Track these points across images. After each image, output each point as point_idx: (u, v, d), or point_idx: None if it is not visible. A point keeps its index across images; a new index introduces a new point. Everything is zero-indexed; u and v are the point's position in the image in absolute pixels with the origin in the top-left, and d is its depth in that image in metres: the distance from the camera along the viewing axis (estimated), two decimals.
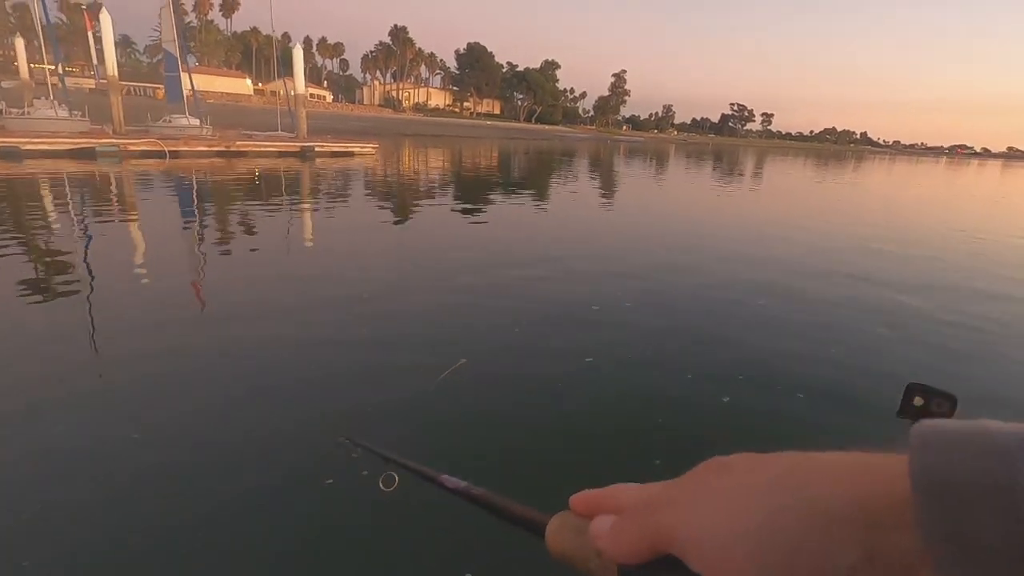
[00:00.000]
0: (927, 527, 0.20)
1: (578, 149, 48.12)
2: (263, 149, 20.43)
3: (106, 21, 18.39)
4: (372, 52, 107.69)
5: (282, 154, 20.69)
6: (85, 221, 8.56)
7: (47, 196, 10.51)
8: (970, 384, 4.10)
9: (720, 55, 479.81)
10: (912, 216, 15.73)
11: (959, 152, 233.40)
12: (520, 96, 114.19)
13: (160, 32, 21.71)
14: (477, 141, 48.81)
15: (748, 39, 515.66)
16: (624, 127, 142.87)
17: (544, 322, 4.86)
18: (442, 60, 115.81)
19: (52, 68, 21.27)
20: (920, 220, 14.93)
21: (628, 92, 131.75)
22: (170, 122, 22.20)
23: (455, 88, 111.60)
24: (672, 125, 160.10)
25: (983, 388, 4.08)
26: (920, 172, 47.72)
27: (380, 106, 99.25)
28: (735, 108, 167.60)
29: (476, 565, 2.22)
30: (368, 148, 23.44)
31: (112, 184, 12.62)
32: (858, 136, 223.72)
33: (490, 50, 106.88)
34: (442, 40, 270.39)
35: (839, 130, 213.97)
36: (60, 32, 77.31)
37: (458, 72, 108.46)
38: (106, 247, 7.05)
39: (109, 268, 6.00)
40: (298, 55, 23.28)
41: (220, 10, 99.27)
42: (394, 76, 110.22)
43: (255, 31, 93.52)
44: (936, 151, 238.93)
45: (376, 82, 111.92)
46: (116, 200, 10.66)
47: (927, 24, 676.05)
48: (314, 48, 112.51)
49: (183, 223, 9.09)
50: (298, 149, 21.05)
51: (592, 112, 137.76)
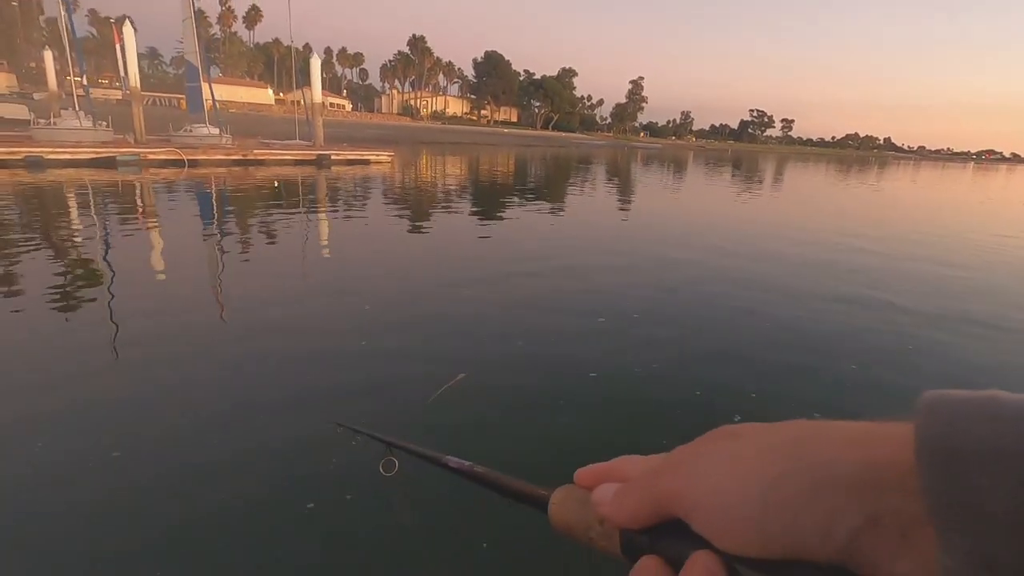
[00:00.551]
0: (931, 492, 0.20)
1: (595, 156, 47.95)
2: (280, 157, 20.64)
3: (129, 34, 18.81)
4: (391, 61, 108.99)
5: (299, 162, 20.89)
6: (103, 227, 8.66)
7: (66, 203, 10.69)
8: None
9: (739, 61, 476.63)
10: (939, 220, 15.26)
11: (987, 157, 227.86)
12: (537, 104, 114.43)
13: (194, 46, 22.05)
14: (494, 149, 48.91)
15: (768, 45, 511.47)
16: (641, 134, 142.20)
17: (548, 334, 4.72)
18: (460, 69, 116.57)
19: (78, 80, 21.79)
20: (947, 224, 14.48)
21: (645, 99, 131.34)
22: (191, 131, 22.51)
23: (472, 96, 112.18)
24: (690, 131, 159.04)
25: None
26: (948, 178, 46.55)
27: (398, 115, 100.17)
28: (754, 114, 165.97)
29: (484, 542, 2.33)
30: (384, 156, 23.56)
31: (130, 192, 12.81)
32: (881, 141, 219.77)
33: (507, 58, 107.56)
34: (460, 49, 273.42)
35: (861, 136, 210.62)
36: (90, 45, 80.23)
37: (475, 80, 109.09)
38: (123, 252, 7.11)
39: (127, 272, 6.06)
40: (315, 65, 23.52)
41: (243, 22, 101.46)
42: (412, 85, 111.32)
43: (277, 42, 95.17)
44: (963, 156, 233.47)
45: (395, 91, 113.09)
46: (133, 208, 10.79)
47: (953, 28, 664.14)
48: (334, 58, 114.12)
49: (198, 230, 9.14)
50: (314, 157, 21.22)
51: (609, 119, 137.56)
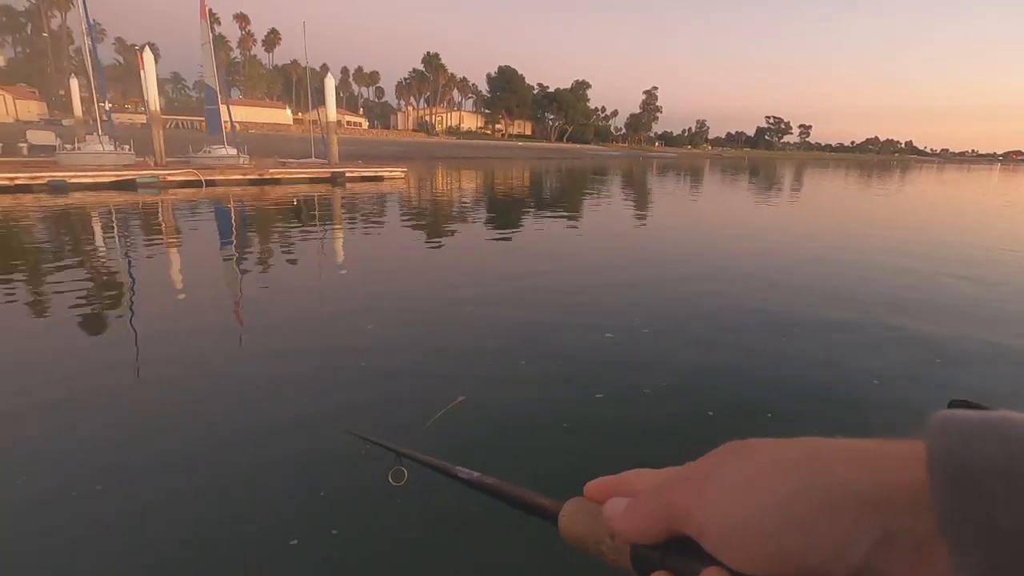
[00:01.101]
0: (945, 509, 0.20)
1: (610, 167, 47.84)
2: (295, 176, 20.91)
3: (148, 60, 19.29)
4: (406, 79, 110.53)
5: (313, 180, 21.13)
6: (123, 247, 8.78)
7: (87, 225, 10.89)
8: None
9: (755, 68, 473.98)
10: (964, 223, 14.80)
11: (1014, 158, 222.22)
12: (551, 116, 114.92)
13: (212, 70, 22.61)
14: (509, 162, 49.09)
15: (784, 50, 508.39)
16: (656, 143, 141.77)
17: (554, 351, 4.58)
18: (474, 84, 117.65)
19: (102, 106, 22.41)
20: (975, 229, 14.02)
21: (660, 108, 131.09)
22: (210, 152, 22.97)
23: (487, 111, 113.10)
24: (706, 140, 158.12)
25: None
26: (973, 180, 45.41)
27: (414, 131, 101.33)
28: (771, 121, 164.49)
29: (493, 553, 2.32)
30: (397, 172, 23.74)
31: (148, 213, 13.02)
32: (903, 145, 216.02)
33: (521, 72, 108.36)
34: (474, 64, 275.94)
35: (882, 140, 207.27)
36: (117, 72, 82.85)
37: (489, 95, 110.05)
38: (142, 270, 7.18)
39: (146, 290, 6.12)
40: (330, 84, 23.87)
41: (263, 45, 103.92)
42: (427, 101, 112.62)
43: (295, 63, 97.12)
44: (989, 158, 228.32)
45: (410, 108, 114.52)
46: (152, 228, 10.94)
47: (975, 27, 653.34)
48: (351, 78, 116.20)
49: (214, 248, 9.22)
50: (329, 175, 21.45)
51: (624, 130, 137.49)
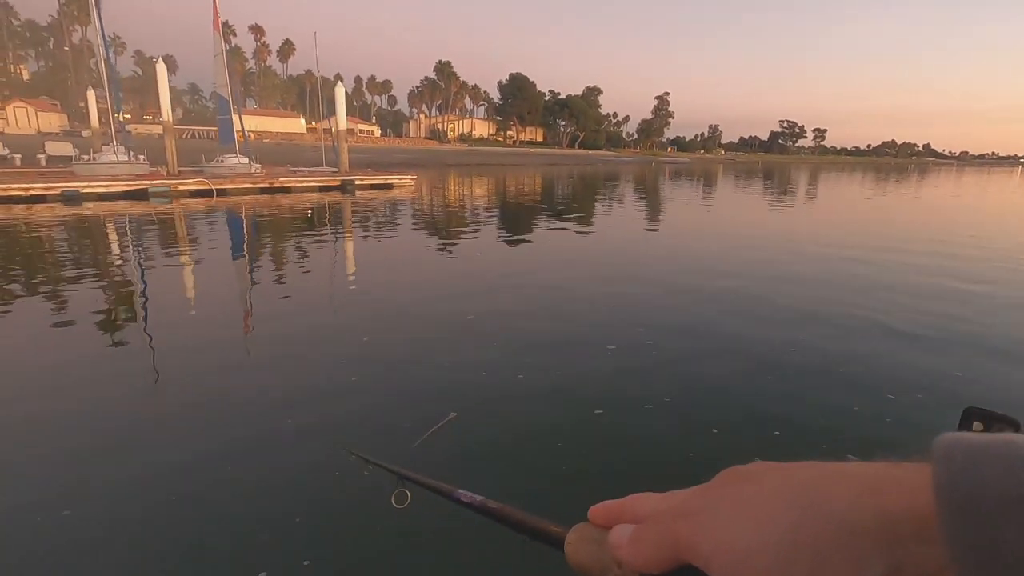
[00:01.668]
0: (952, 540, 0.20)
1: (622, 173, 47.61)
2: (305, 184, 21.02)
3: (161, 71, 19.57)
4: (418, 87, 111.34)
5: (323, 188, 21.22)
6: (132, 256, 8.80)
7: (98, 234, 10.97)
8: None
9: (768, 72, 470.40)
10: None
11: None
12: (563, 123, 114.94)
13: (225, 80, 22.90)
14: (520, 169, 49.07)
15: (797, 54, 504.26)
16: (669, 149, 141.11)
17: (554, 364, 4.43)
18: (485, 91, 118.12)
19: (116, 116, 22.74)
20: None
21: (672, 114, 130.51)
22: (222, 162, 23.19)
23: (498, 118, 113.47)
24: (719, 145, 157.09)
25: None
26: (994, 183, 44.45)
27: (426, 138, 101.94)
28: (785, 125, 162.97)
29: None
30: (406, 179, 23.78)
31: (159, 222, 13.10)
32: (920, 148, 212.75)
33: (532, 79, 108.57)
34: (485, 72, 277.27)
35: (899, 143, 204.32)
36: (136, 84, 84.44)
37: (501, 102, 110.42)
38: (148, 279, 7.16)
39: (150, 298, 6.06)
40: (340, 93, 24.01)
41: (278, 56, 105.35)
42: (439, 109, 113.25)
43: (309, 74, 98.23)
44: (1010, 161, 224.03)
45: (422, 115, 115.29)
46: (162, 237, 10.99)
47: (996, 29, 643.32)
48: (364, 86, 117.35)
49: (222, 257, 9.21)
50: (338, 183, 21.54)
51: (636, 135, 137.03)
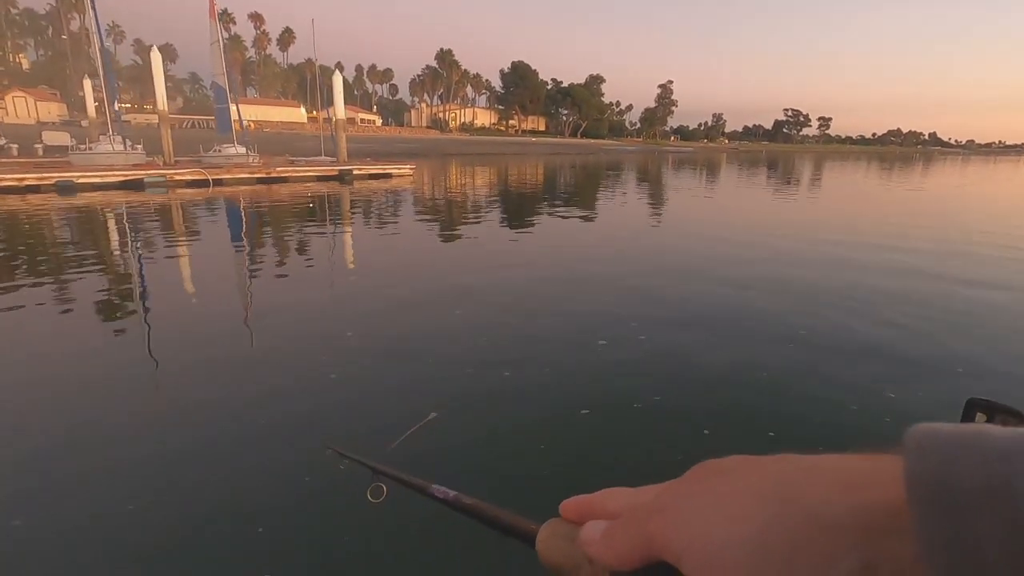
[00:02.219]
0: (924, 535, 0.19)
1: (625, 162, 47.25)
2: (302, 174, 20.81)
3: (156, 59, 19.29)
4: (419, 76, 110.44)
5: (321, 178, 21.02)
6: (126, 247, 8.67)
7: (92, 225, 10.83)
8: None
9: (772, 60, 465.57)
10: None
11: None
12: (565, 112, 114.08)
13: (222, 68, 22.63)
14: (522, 158, 48.72)
15: (802, 41, 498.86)
16: (672, 138, 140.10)
17: (542, 360, 4.28)
18: (487, 80, 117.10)
19: (122, 106, 22.53)
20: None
21: (675, 102, 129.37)
22: (220, 151, 22.99)
23: (500, 107, 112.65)
24: (723, 134, 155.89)
25: None
26: (1001, 172, 43.95)
27: (428, 127, 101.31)
28: (789, 113, 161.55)
29: (471, 574, 2.26)
30: (405, 169, 23.56)
31: (154, 213, 12.96)
32: (926, 137, 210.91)
33: (534, 68, 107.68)
34: (487, 60, 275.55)
35: (905, 131, 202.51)
36: (135, 72, 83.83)
37: (503, 91, 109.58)
38: (140, 270, 7.03)
39: (149, 293, 5.91)
40: (338, 82, 23.73)
41: (278, 44, 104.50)
42: (441, 98, 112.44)
43: (309, 62, 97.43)
44: (1017, 149, 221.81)
45: (424, 104, 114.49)
46: (157, 227, 10.85)
47: (1002, 15, 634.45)
48: (365, 75, 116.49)
49: (218, 249, 9.08)
50: (336, 173, 21.32)
51: (639, 124, 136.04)
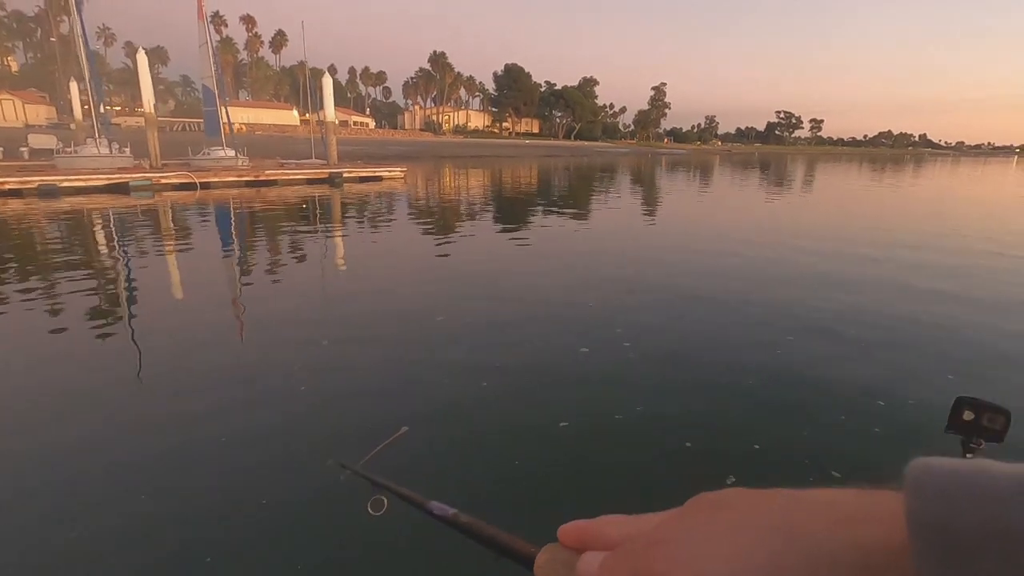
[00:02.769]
0: (925, 573, 0.19)
1: (618, 164, 47.27)
2: (292, 177, 20.62)
3: (142, 61, 19.07)
4: (412, 78, 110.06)
5: (311, 181, 20.83)
6: (107, 254, 8.48)
7: (73, 231, 10.60)
8: None
9: (764, 63, 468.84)
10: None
11: None
12: (559, 114, 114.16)
13: (211, 71, 22.38)
14: (516, 161, 48.61)
15: (794, 44, 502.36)
16: (665, 140, 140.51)
17: (522, 368, 4.13)
18: (481, 83, 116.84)
19: (109, 109, 22.24)
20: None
21: (668, 105, 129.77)
22: (208, 154, 22.75)
23: (494, 109, 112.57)
24: (715, 136, 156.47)
25: None
26: (992, 173, 44.22)
27: (421, 130, 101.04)
28: (781, 116, 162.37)
29: None
30: (396, 172, 23.39)
31: (138, 217, 12.76)
32: (916, 138, 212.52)
33: (528, 70, 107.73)
34: (480, 63, 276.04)
35: (895, 133, 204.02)
36: (125, 75, 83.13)
37: (496, 94, 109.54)
38: (124, 277, 6.85)
39: (131, 298, 5.74)
40: (327, 84, 23.56)
41: (270, 47, 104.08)
42: (434, 100, 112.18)
43: (302, 65, 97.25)
44: (1006, 151, 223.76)
45: (417, 107, 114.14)
46: (140, 233, 10.65)
47: (989, 19, 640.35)
48: (358, 78, 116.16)
49: (203, 254, 8.89)
50: (326, 175, 21.14)
51: (632, 126, 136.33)
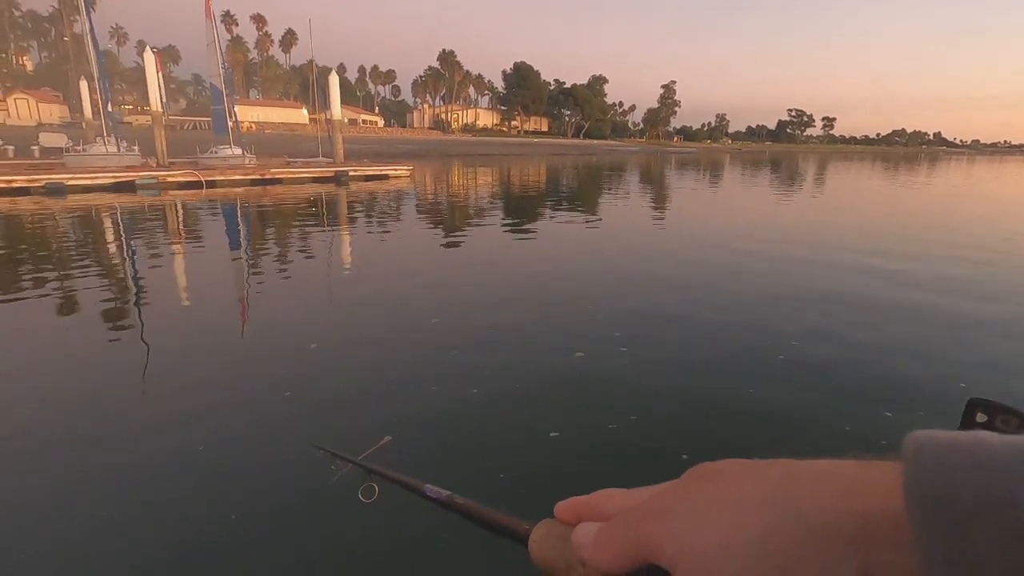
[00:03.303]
0: (925, 546, 0.19)
1: (627, 162, 46.94)
2: (298, 176, 20.60)
3: (149, 60, 19.15)
4: (421, 77, 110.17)
5: (317, 179, 20.79)
6: (111, 251, 8.45)
7: (78, 229, 10.61)
8: None
9: (776, 60, 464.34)
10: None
11: None
12: (567, 112, 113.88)
13: (218, 69, 22.44)
14: (525, 159, 48.40)
15: (806, 41, 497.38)
16: (675, 138, 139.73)
17: (515, 374, 3.99)
18: (489, 81, 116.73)
19: (121, 108, 22.36)
20: None
21: (678, 103, 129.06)
22: (216, 152, 22.81)
23: (503, 108, 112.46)
24: (726, 134, 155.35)
25: None
26: (1009, 172, 43.40)
27: (430, 129, 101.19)
28: (793, 114, 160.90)
29: (460, 574, 2.20)
30: (402, 171, 23.32)
31: (144, 215, 12.75)
32: (931, 136, 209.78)
33: (536, 68, 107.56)
34: (489, 61, 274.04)
35: (909, 131, 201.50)
36: (137, 74, 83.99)
37: (505, 92, 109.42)
38: (127, 276, 6.80)
39: (138, 296, 5.68)
40: (334, 82, 23.53)
41: (280, 46, 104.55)
42: (443, 99, 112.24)
43: (312, 63, 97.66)
44: (1022, 149, 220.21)
45: (426, 105, 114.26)
46: (146, 230, 10.63)
47: (1007, 13, 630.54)
48: (367, 76, 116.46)
49: (206, 251, 8.85)
50: (332, 174, 21.10)
51: (642, 125, 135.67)
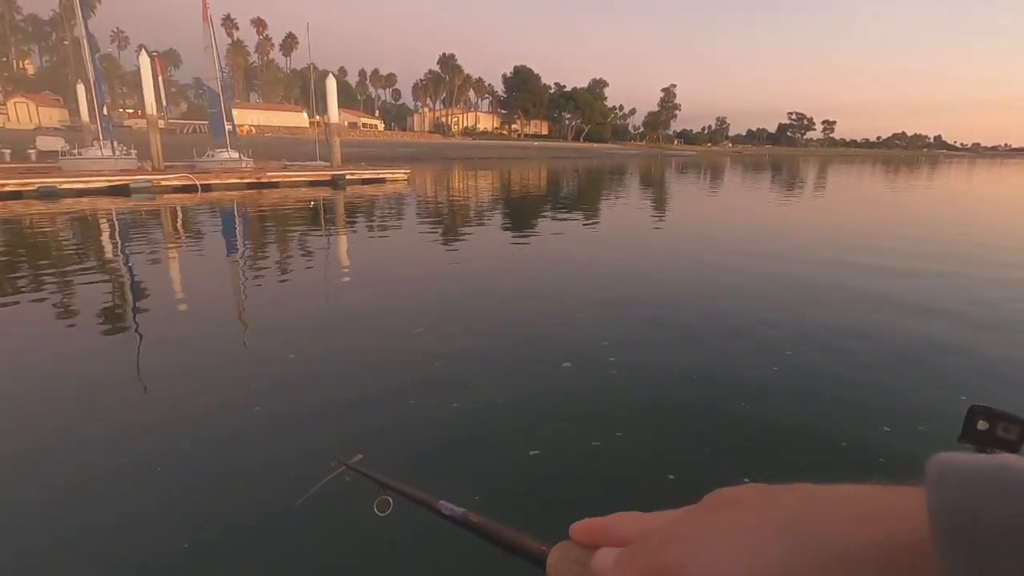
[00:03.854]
0: (951, 573, 0.19)
1: (628, 166, 46.96)
2: (294, 179, 20.51)
3: (144, 64, 19.09)
4: (422, 80, 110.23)
5: (313, 183, 20.70)
6: (102, 256, 8.35)
7: (68, 233, 10.51)
8: None
9: (776, 64, 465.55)
10: None
11: None
12: (568, 116, 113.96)
13: (215, 73, 22.38)
14: (525, 163, 48.42)
15: (806, 44, 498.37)
16: (676, 142, 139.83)
17: (497, 387, 3.87)
18: (490, 84, 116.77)
19: (121, 111, 22.29)
20: None
21: (678, 106, 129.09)
22: (213, 156, 22.75)
23: (503, 111, 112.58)
24: (726, 137, 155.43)
25: None
26: (1009, 175, 43.30)
27: (430, 132, 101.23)
28: (793, 117, 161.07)
29: None
30: (399, 175, 23.23)
31: (137, 219, 12.67)
32: (931, 140, 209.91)
33: (536, 72, 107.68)
34: (490, 65, 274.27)
35: (909, 134, 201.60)
36: (137, 78, 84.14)
37: (505, 96, 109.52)
38: (118, 281, 6.69)
39: (101, 302, 5.56)
40: (331, 85, 23.47)
41: (280, 49, 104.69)
42: (443, 102, 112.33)
43: (312, 67, 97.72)
44: (1023, 152, 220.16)
45: (426, 109, 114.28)
46: (136, 236, 10.53)
47: (1007, 14, 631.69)
48: (368, 80, 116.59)
49: (199, 256, 8.74)
50: (329, 178, 21.03)
51: (642, 128, 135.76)
